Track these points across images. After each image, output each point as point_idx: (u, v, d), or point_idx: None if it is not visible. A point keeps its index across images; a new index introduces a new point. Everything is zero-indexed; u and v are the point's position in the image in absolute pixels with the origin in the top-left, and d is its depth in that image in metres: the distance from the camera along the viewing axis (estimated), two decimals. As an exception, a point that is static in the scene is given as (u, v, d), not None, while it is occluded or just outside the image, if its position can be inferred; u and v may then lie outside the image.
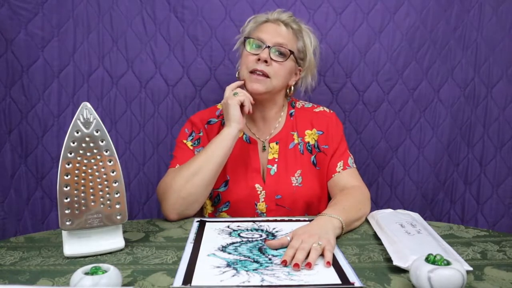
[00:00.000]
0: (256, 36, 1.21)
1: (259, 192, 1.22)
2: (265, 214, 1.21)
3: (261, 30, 1.22)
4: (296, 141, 1.26)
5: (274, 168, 1.24)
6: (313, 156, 1.26)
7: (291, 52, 1.20)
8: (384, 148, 1.60)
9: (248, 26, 1.27)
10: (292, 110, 1.30)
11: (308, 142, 1.27)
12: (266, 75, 1.18)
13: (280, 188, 1.22)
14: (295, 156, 1.25)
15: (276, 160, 1.24)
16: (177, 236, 1.02)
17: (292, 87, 1.28)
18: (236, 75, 1.27)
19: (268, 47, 1.18)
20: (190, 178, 1.12)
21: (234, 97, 1.16)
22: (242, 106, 1.17)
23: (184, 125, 1.29)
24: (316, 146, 1.27)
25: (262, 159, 1.25)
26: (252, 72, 1.18)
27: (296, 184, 1.23)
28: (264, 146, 1.26)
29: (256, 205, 1.22)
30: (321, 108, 1.32)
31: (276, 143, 1.26)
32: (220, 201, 1.23)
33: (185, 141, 1.25)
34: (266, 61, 1.17)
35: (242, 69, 1.22)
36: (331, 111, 1.32)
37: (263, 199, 1.21)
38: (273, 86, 1.20)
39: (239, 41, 1.29)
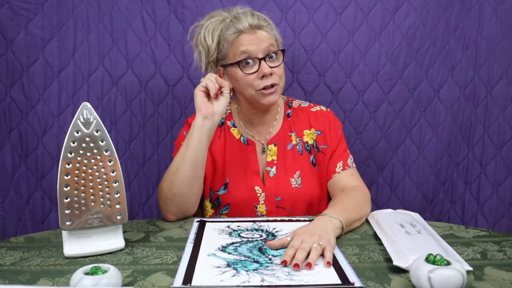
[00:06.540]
0: (241, 51, 1.14)
1: (259, 195, 1.21)
2: (265, 217, 1.20)
3: (241, 43, 1.14)
4: (294, 142, 1.26)
5: (273, 170, 1.23)
6: (312, 156, 1.26)
7: (283, 51, 1.18)
8: (384, 148, 1.60)
9: (220, 38, 1.16)
10: (289, 111, 1.30)
11: (307, 142, 1.26)
12: (275, 85, 1.16)
13: (280, 190, 1.22)
14: (294, 157, 1.25)
15: (275, 162, 1.24)
16: (177, 236, 1.02)
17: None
18: (231, 94, 1.17)
19: (262, 58, 1.14)
20: (171, 179, 1.12)
21: (198, 86, 1.14)
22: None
23: (183, 128, 1.28)
24: (315, 146, 1.26)
25: (261, 161, 1.25)
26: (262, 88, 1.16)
27: (296, 185, 1.23)
28: (264, 148, 1.26)
29: (256, 208, 1.21)
30: (318, 108, 1.31)
31: (275, 145, 1.25)
32: (220, 204, 1.23)
33: (183, 143, 1.25)
34: (270, 74, 1.14)
35: (247, 90, 1.17)
36: (328, 110, 1.31)
37: (263, 202, 1.21)
38: (282, 88, 1.21)
39: (203, 55, 1.20)
